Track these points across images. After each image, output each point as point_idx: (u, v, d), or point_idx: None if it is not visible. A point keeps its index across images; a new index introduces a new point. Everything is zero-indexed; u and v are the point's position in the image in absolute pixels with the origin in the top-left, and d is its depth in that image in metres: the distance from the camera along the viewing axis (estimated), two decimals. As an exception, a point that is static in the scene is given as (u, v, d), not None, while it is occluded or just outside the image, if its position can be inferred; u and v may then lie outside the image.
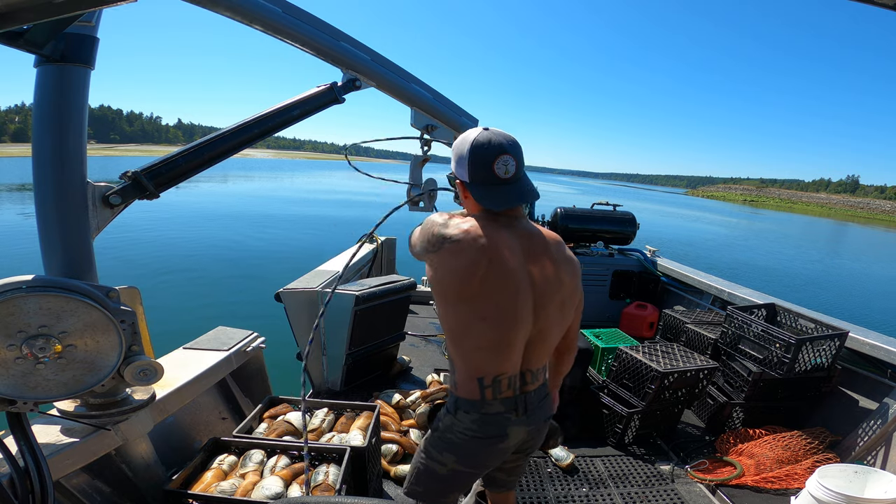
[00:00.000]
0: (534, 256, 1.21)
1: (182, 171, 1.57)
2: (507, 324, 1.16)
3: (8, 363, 1.20)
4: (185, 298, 7.71)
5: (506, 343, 1.17)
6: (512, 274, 1.15)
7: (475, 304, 1.14)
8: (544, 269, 1.21)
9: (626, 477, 2.41)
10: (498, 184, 1.17)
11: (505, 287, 1.14)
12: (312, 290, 2.84)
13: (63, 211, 1.33)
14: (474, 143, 1.17)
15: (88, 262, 1.41)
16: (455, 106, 2.22)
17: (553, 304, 1.22)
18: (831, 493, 1.82)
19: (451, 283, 1.15)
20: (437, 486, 1.36)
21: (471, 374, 1.20)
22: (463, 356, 1.21)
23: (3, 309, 1.17)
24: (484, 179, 1.17)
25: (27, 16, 0.91)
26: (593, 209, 5.07)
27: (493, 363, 1.18)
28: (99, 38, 1.37)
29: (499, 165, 1.16)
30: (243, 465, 1.80)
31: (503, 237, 1.16)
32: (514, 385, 1.22)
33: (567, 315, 1.30)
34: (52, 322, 1.23)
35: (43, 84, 1.30)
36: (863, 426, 2.51)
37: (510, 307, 1.15)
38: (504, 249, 1.15)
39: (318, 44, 1.67)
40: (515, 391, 1.22)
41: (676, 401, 2.76)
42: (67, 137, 1.32)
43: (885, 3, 0.60)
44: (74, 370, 1.29)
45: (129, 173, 1.48)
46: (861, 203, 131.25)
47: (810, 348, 2.62)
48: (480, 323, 1.15)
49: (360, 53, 1.80)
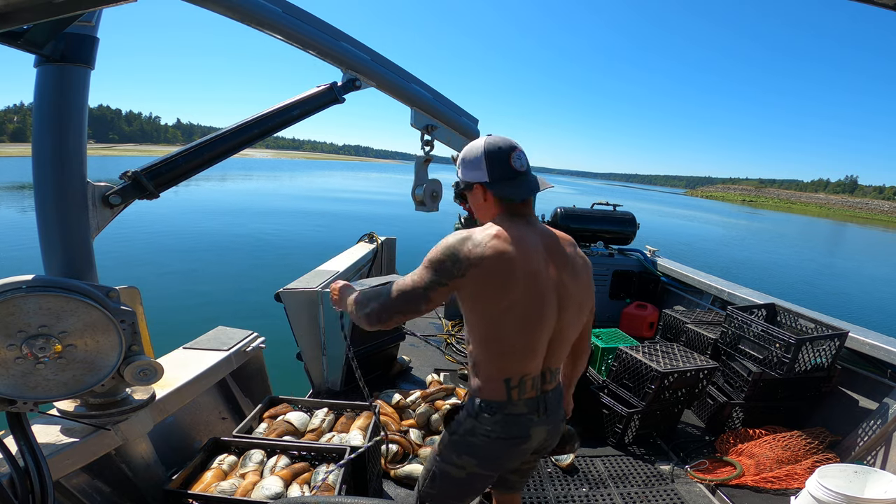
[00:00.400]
0: (556, 257, 1.24)
1: (182, 171, 1.57)
2: (535, 326, 1.18)
3: (8, 363, 1.20)
4: (185, 298, 7.71)
5: (532, 345, 1.20)
6: (541, 279, 1.17)
7: (507, 311, 1.15)
8: (565, 270, 1.24)
9: (626, 477, 2.41)
10: (516, 176, 1.24)
11: (536, 293, 1.17)
12: (312, 290, 2.84)
13: (63, 211, 1.34)
14: (488, 145, 1.24)
15: (88, 262, 1.41)
16: (455, 105, 2.24)
17: (573, 304, 1.25)
18: (831, 493, 1.82)
19: (483, 297, 1.15)
20: (454, 490, 1.36)
21: (498, 375, 1.21)
22: (490, 359, 1.22)
23: (4, 309, 1.17)
24: (503, 175, 1.23)
25: (27, 16, 0.91)
26: (593, 209, 5.07)
27: (520, 364, 1.20)
28: (99, 38, 1.37)
29: (514, 159, 1.23)
30: (243, 465, 1.80)
31: (529, 240, 1.19)
32: (537, 385, 1.24)
33: (583, 315, 1.33)
34: (52, 322, 1.24)
35: (43, 84, 1.30)
36: (863, 426, 2.51)
37: (538, 310, 1.18)
38: (533, 254, 1.17)
39: (319, 44, 1.67)
40: (538, 391, 1.25)
41: (676, 401, 2.76)
42: (67, 137, 1.32)
43: (885, 3, 0.60)
44: (74, 370, 1.29)
45: (130, 173, 1.48)
46: (860, 203, 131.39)
47: (810, 348, 2.62)
48: (511, 328, 1.16)
49: (360, 53, 1.81)
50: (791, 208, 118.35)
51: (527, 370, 1.21)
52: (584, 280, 1.30)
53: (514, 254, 1.14)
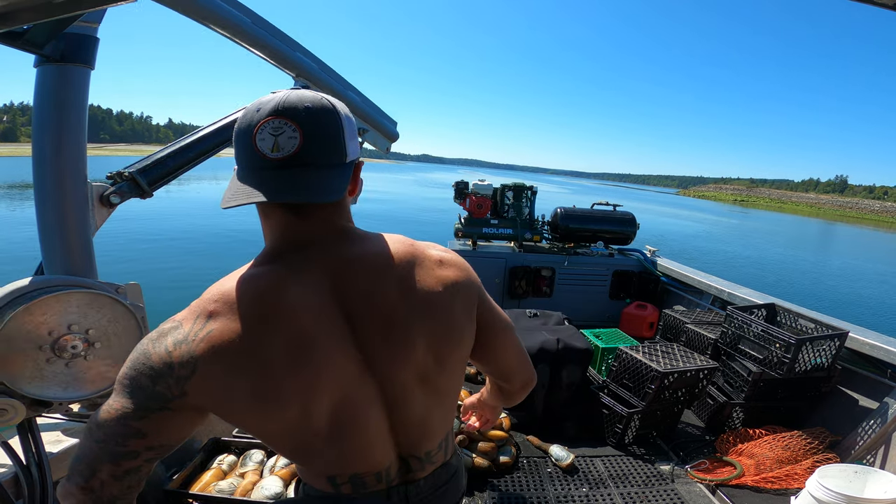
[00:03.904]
0: (360, 298, 0.74)
1: (172, 168, 1.61)
2: (350, 423, 0.75)
3: (41, 365, 1.21)
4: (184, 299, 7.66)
5: (357, 446, 0.77)
6: (327, 347, 0.70)
7: (290, 422, 0.70)
8: (380, 308, 0.75)
9: (626, 477, 2.41)
10: (262, 167, 0.68)
11: (330, 376, 0.71)
12: None
13: (64, 210, 1.34)
14: (242, 114, 0.70)
15: (90, 260, 1.41)
16: (379, 109, 2.44)
17: (416, 353, 0.77)
18: (831, 493, 1.82)
19: (236, 413, 0.69)
20: None
21: (318, 473, 0.80)
22: (303, 464, 0.81)
23: (37, 309, 1.18)
24: (247, 163, 0.70)
25: (27, 16, 0.90)
26: (593, 209, 5.09)
27: (347, 466, 0.78)
28: (99, 38, 1.36)
29: (260, 138, 0.66)
30: (243, 464, 1.80)
31: (295, 292, 0.70)
32: (389, 477, 0.82)
33: (458, 350, 0.84)
34: (80, 320, 1.25)
35: (43, 84, 1.29)
36: (863, 426, 2.52)
37: (343, 397, 0.73)
38: (300, 315, 0.69)
39: (282, 53, 1.79)
40: (390, 483, 0.82)
41: (676, 401, 2.77)
42: (68, 137, 1.32)
43: (885, 4, 0.60)
44: (101, 367, 1.31)
45: (126, 173, 1.49)
46: (850, 203, 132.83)
47: (810, 348, 2.63)
48: (308, 439, 0.73)
49: (310, 62, 1.94)
50: (782, 208, 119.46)
51: (363, 468, 0.79)
52: (442, 303, 0.79)
53: (255, 332, 0.66)
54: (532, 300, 4.57)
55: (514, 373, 1.02)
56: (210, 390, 0.66)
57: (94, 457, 0.67)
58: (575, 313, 4.12)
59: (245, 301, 0.67)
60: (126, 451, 0.67)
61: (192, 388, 0.65)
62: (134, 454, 0.67)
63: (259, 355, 0.66)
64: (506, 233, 4.89)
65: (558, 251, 4.77)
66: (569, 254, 4.70)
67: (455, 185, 5.10)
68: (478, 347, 0.90)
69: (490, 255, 4.56)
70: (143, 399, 0.66)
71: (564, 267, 4.60)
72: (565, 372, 2.76)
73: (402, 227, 14.75)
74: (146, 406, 0.66)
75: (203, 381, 0.65)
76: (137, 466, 0.68)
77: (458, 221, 4.96)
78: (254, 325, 0.66)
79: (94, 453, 0.67)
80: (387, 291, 0.75)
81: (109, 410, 0.67)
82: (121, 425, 0.66)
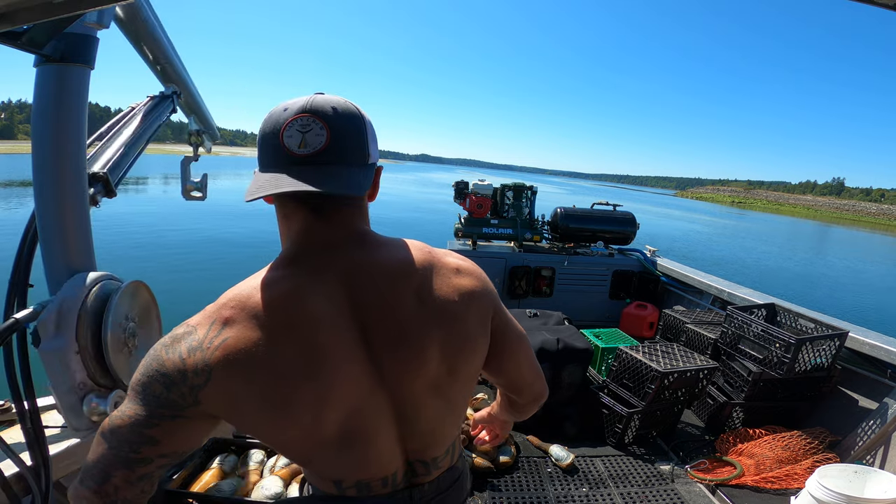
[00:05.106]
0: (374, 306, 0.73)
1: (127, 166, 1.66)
2: (359, 435, 0.75)
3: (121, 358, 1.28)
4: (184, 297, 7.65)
5: (367, 456, 0.77)
6: (337, 357, 0.69)
7: (303, 433, 0.71)
8: (395, 319, 0.74)
9: (626, 477, 2.41)
10: (291, 163, 0.68)
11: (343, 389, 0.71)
12: None
13: (65, 210, 1.33)
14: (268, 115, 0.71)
15: (91, 259, 1.41)
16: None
17: (427, 361, 0.76)
18: (831, 493, 1.83)
19: (249, 423, 0.69)
20: None
21: (323, 476, 0.80)
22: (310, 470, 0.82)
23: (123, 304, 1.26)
24: (271, 161, 0.71)
25: (27, 16, 0.90)
26: (593, 209, 5.09)
27: (355, 472, 0.78)
28: (98, 38, 1.36)
29: (288, 135, 0.68)
30: (243, 464, 1.79)
31: (312, 297, 0.69)
32: (395, 481, 0.81)
33: (469, 362, 0.82)
34: (129, 311, 1.32)
35: (43, 84, 1.29)
36: (862, 426, 2.53)
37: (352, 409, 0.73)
38: (315, 322, 0.69)
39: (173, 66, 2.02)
40: (395, 487, 0.82)
41: (676, 401, 2.77)
42: (68, 137, 1.31)
43: (885, 4, 0.60)
44: (138, 357, 1.34)
45: (101, 173, 1.51)
46: (846, 205, 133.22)
47: (810, 348, 2.63)
48: (319, 448, 0.74)
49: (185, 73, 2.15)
50: (779, 209, 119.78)
51: (369, 474, 0.78)
52: (458, 313, 0.78)
53: (271, 342, 0.66)
54: (532, 300, 4.57)
55: (526, 385, 1.00)
56: (223, 399, 0.66)
57: (108, 462, 0.66)
58: (575, 313, 4.12)
59: (261, 309, 0.67)
60: (139, 457, 0.66)
61: (205, 396, 0.65)
62: (147, 460, 0.67)
63: (274, 365, 0.65)
64: (506, 233, 4.89)
65: (558, 251, 4.77)
66: (569, 254, 4.70)
67: (455, 184, 5.10)
68: (491, 358, 0.89)
69: (490, 255, 4.56)
70: (156, 406, 0.66)
71: (564, 267, 4.60)
72: (565, 372, 2.76)
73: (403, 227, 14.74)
74: (159, 414, 0.66)
75: (217, 390, 0.65)
76: (151, 472, 0.68)
77: (458, 221, 4.96)
78: (270, 335, 0.66)
79: (108, 459, 0.67)
80: (402, 300, 0.74)
81: (122, 417, 0.67)
82: (134, 433, 0.66)
